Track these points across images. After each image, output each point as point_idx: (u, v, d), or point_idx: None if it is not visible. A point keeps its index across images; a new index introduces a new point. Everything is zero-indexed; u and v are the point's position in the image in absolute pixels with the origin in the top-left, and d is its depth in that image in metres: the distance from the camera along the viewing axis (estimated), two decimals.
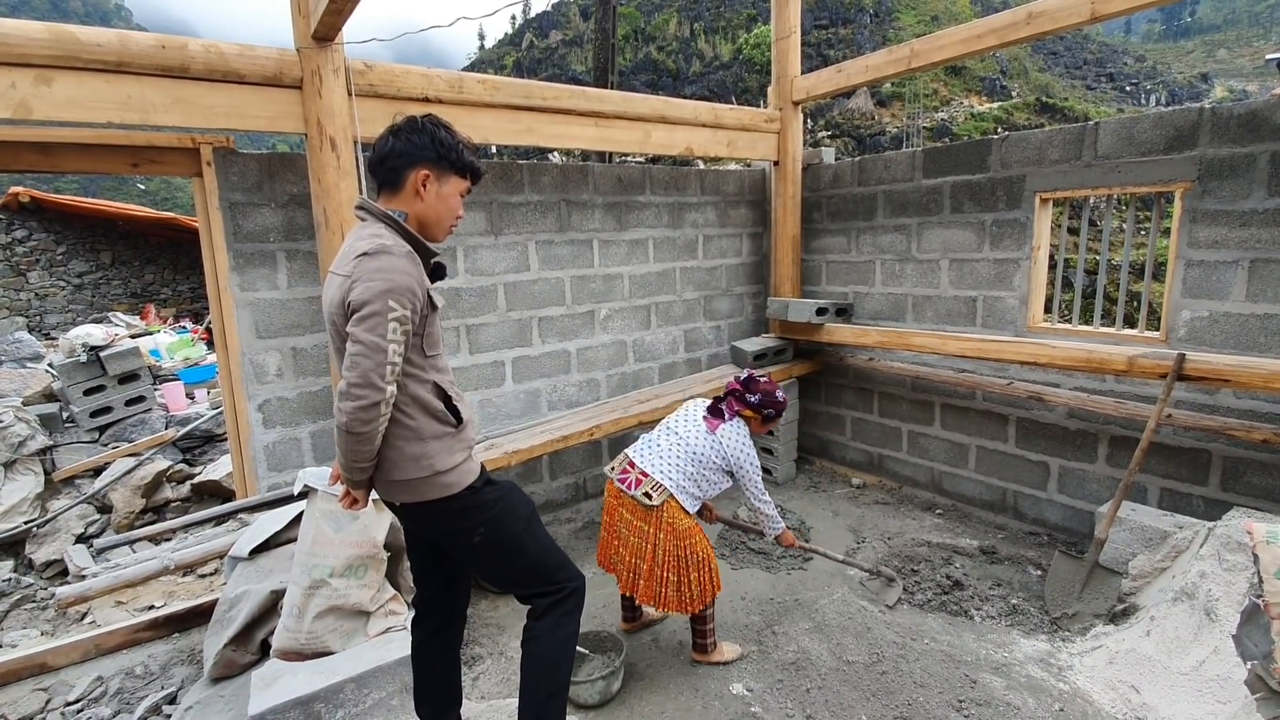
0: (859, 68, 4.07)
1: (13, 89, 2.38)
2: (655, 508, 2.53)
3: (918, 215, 4.11)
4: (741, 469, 2.65)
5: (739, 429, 2.68)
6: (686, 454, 2.62)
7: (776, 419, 2.78)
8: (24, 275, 9.89)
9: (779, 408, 2.74)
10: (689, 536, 2.56)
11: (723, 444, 2.63)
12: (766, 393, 2.72)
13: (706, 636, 2.71)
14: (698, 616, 2.68)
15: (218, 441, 4.85)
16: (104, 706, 2.65)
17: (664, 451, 2.63)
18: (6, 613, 3.54)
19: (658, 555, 2.55)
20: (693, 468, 2.61)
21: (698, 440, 2.64)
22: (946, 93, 24.96)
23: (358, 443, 1.60)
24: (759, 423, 2.75)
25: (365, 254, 1.60)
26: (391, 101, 3.09)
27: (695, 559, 2.56)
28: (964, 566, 3.40)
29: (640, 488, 2.55)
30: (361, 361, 1.54)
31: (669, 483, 2.55)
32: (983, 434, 3.95)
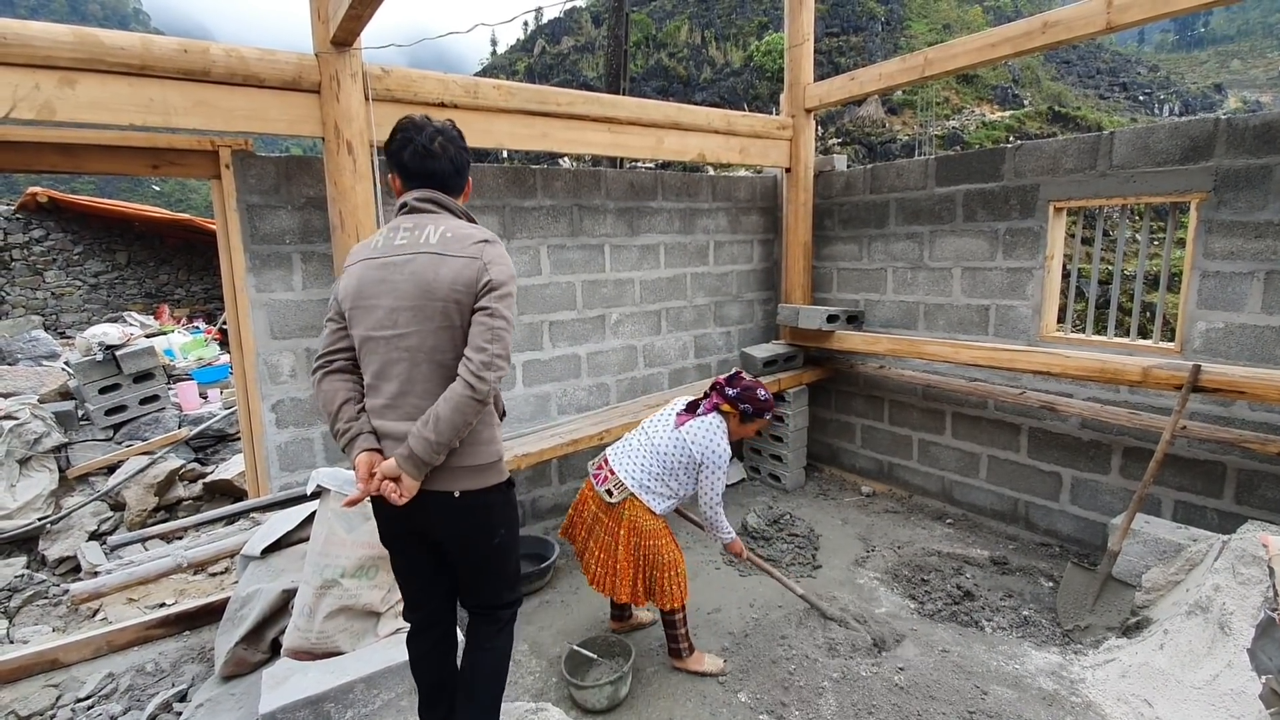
0: (872, 76, 4.08)
1: (37, 90, 2.42)
2: (614, 505, 2.58)
3: (930, 223, 4.10)
4: (704, 465, 2.55)
5: (711, 424, 2.59)
6: (652, 453, 2.60)
7: (757, 418, 2.66)
8: (41, 274, 10.02)
9: (758, 405, 2.63)
10: (653, 537, 2.57)
11: (685, 438, 2.56)
12: (746, 388, 2.66)
13: (679, 640, 2.70)
14: (668, 620, 2.68)
15: (230, 441, 4.89)
16: (115, 703, 2.67)
17: (633, 450, 2.65)
18: (19, 609, 3.57)
19: (620, 552, 2.57)
20: (657, 467, 2.58)
21: (663, 438, 2.61)
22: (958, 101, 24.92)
23: (474, 414, 1.66)
24: (737, 420, 2.65)
25: (488, 241, 1.75)
26: (408, 106, 3.12)
27: (660, 560, 2.57)
28: (975, 577, 3.37)
29: (605, 484, 2.61)
30: (505, 335, 1.67)
31: (631, 481, 2.57)
32: (994, 443, 3.93)
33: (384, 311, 1.71)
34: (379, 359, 1.73)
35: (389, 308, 1.70)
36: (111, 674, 2.80)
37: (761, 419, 2.68)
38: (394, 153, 1.82)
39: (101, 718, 2.57)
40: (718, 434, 2.57)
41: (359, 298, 1.73)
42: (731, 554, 2.84)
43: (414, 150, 1.79)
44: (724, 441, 2.58)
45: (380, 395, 1.74)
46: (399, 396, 1.72)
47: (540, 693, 2.68)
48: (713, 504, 2.63)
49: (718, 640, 2.92)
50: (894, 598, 3.24)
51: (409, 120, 1.83)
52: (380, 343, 1.72)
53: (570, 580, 3.55)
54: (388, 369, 1.73)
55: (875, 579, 3.41)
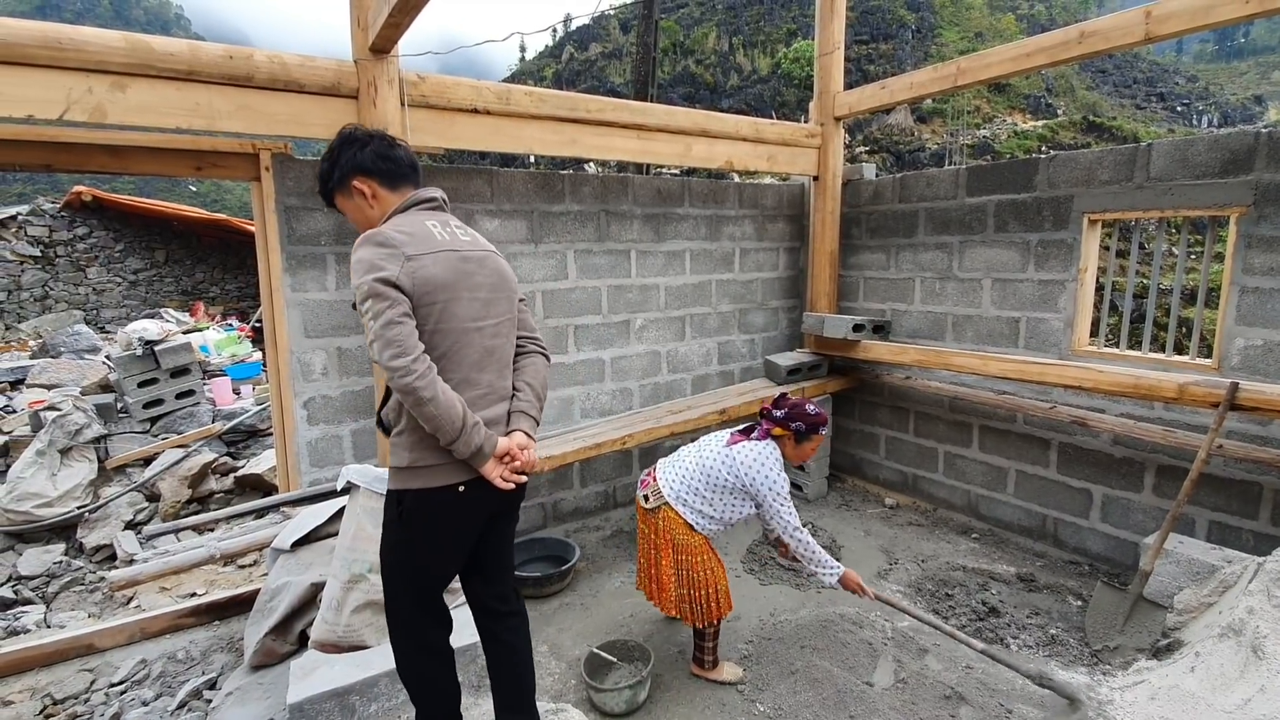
0: (903, 84, 4.05)
1: (90, 94, 2.52)
2: (649, 510, 2.60)
3: (960, 233, 4.06)
4: (759, 493, 2.45)
5: (763, 450, 2.50)
6: (698, 467, 2.57)
7: (811, 435, 2.57)
8: (84, 271, 10.36)
9: (809, 419, 2.55)
10: (690, 553, 2.53)
11: (735, 458, 2.49)
12: (794, 405, 2.58)
13: (705, 653, 2.69)
14: (699, 631, 2.67)
15: (261, 436, 5.00)
16: (147, 689, 2.74)
17: (681, 462, 2.64)
18: (57, 594, 3.69)
19: (664, 565, 2.57)
20: (700, 482, 2.53)
21: (712, 453, 2.57)
22: (989, 110, 24.57)
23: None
24: (792, 442, 2.56)
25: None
26: (442, 112, 3.18)
27: (696, 579, 2.53)
28: (1001, 593, 3.32)
29: (645, 489, 2.64)
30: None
31: (668, 491, 2.56)
32: (1023, 458, 3.86)
33: (480, 304, 1.75)
34: (477, 350, 1.74)
35: (484, 300, 1.76)
36: (144, 660, 2.88)
37: (817, 435, 2.58)
38: (384, 155, 1.81)
39: (134, 703, 2.64)
40: (770, 460, 2.47)
41: (451, 289, 1.69)
42: (849, 590, 2.60)
43: (404, 149, 1.87)
44: (778, 468, 2.47)
45: (478, 386, 1.75)
46: (495, 383, 1.80)
47: (559, 694, 2.69)
48: (794, 533, 2.47)
49: (737, 648, 2.92)
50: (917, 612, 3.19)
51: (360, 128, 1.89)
52: (476, 334, 1.74)
53: (590, 583, 3.57)
54: (486, 359, 1.77)
55: (898, 592, 3.37)
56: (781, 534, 2.51)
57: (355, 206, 1.83)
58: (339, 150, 1.82)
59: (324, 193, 1.88)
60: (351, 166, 1.79)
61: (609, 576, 3.64)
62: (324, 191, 1.88)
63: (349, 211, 1.87)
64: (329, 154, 1.85)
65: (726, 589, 2.61)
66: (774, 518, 2.49)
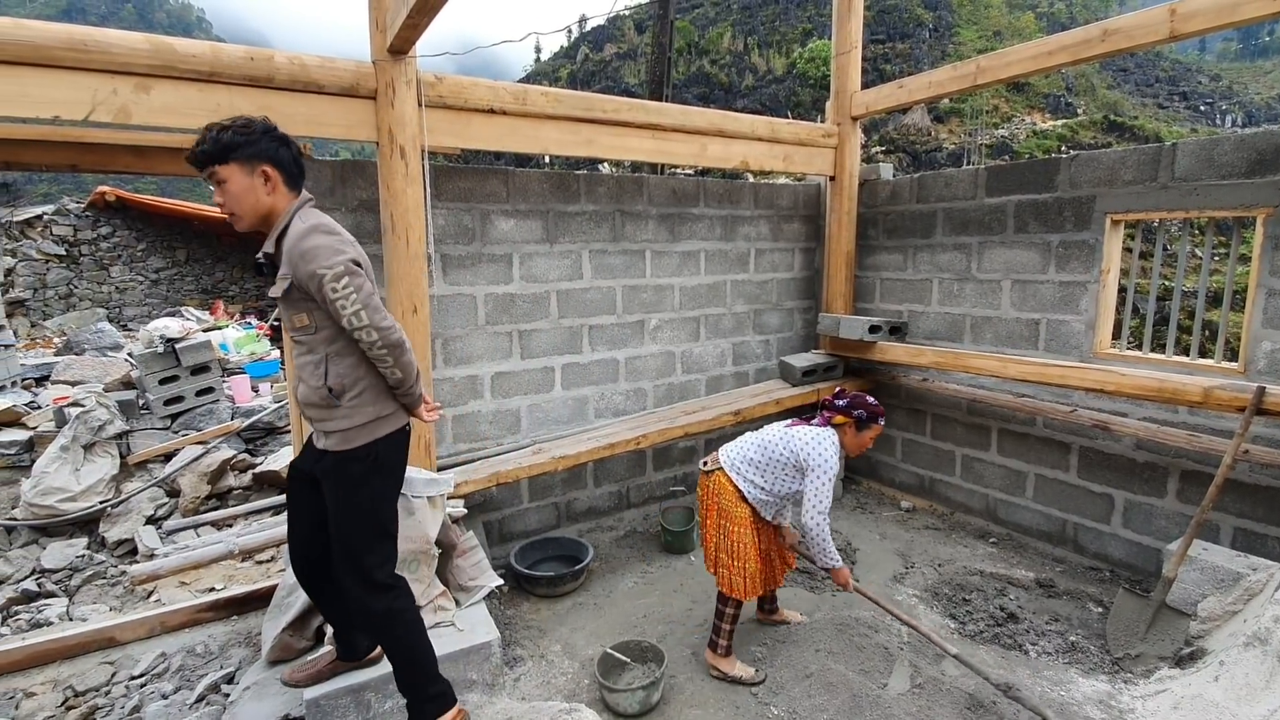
0: (921, 84, 4.02)
1: (114, 95, 2.55)
2: (706, 473, 2.76)
3: (979, 234, 4.01)
4: (809, 464, 2.56)
5: (822, 434, 2.63)
6: (756, 442, 2.72)
7: (872, 424, 2.67)
8: (107, 269, 10.54)
9: (870, 408, 2.66)
10: (732, 521, 2.67)
11: (794, 435, 2.64)
12: (855, 395, 2.72)
13: (719, 634, 2.75)
14: (718, 607, 2.75)
15: (279, 434, 5.05)
16: (166, 682, 2.78)
17: (740, 441, 2.81)
18: (79, 588, 3.74)
19: (707, 522, 2.76)
20: (756, 453, 2.68)
21: (772, 432, 2.72)
22: (1007, 109, 24.30)
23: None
24: (853, 430, 2.67)
25: None
26: (459, 113, 3.20)
27: (729, 545, 2.66)
28: (1019, 599, 3.28)
29: (706, 458, 2.83)
30: None
31: (725, 459, 2.73)
32: (1042, 462, 3.81)
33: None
34: None
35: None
36: (164, 654, 2.92)
37: (877, 425, 2.69)
38: (297, 160, 1.99)
39: (154, 696, 2.68)
40: (827, 442, 2.59)
41: (370, 270, 2.02)
42: (836, 584, 2.72)
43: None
44: (834, 452, 2.58)
45: None
46: None
47: (572, 694, 2.70)
48: (817, 512, 2.54)
49: (750, 650, 2.90)
50: (933, 616, 3.16)
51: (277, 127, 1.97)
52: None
53: (603, 583, 3.57)
54: None
55: (914, 596, 3.34)
56: (807, 502, 2.56)
57: (248, 186, 1.90)
58: (262, 134, 1.91)
59: (214, 154, 1.86)
60: (269, 155, 1.91)
61: (622, 577, 3.64)
62: (215, 153, 1.86)
63: (233, 184, 1.88)
64: (245, 129, 1.88)
65: (755, 574, 2.66)
66: (813, 493, 2.55)
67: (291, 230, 1.91)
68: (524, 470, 3.41)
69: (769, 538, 2.81)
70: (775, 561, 2.87)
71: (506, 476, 3.36)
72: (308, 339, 1.97)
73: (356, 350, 1.96)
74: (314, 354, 1.96)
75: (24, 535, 4.04)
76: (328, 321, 1.93)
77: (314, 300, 1.89)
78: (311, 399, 1.97)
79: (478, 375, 3.69)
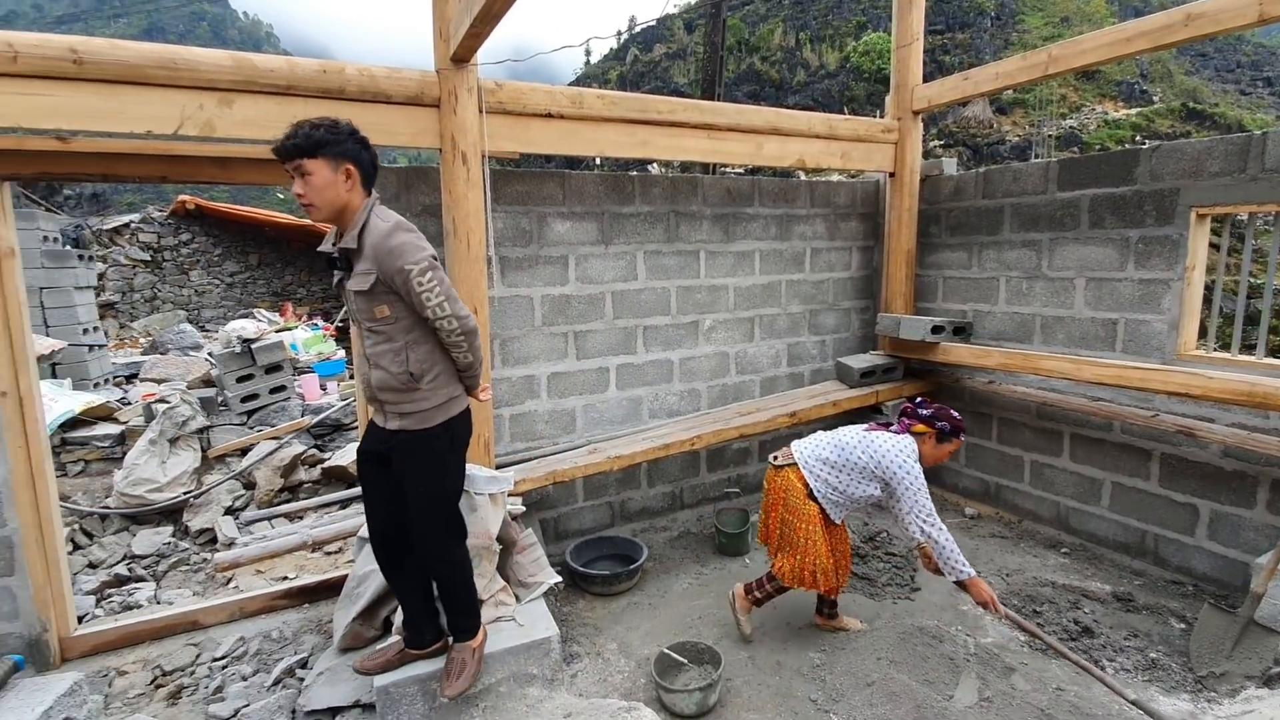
0: (988, 75, 3.88)
1: (200, 110, 2.70)
2: (777, 468, 2.75)
3: (1050, 230, 3.85)
4: (895, 478, 2.51)
5: (902, 440, 2.58)
6: (832, 441, 2.69)
7: (953, 437, 2.62)
8: (187, 274, 11.19)
9: (955, 421, 2.61)
10: (797, 516, 2.66)
11: (873, 441, 2.59)
12: (940, 407, 2.66)
13: (762, 587, 2.86)
14: (769, 572, 2.82)
15: (345, 430, 5.26)
16: (245, 665, 2.92)
17: (814, 438, 2.79)
18: (165, 573, 3.98)
19: (770, 515, 2.79)
20: (831, 453, 2.65)
21: (850, 434, 2.68)
22: (1076, 98, 23.14)
23: None
24: (933, 441, 2.63)
25: None
26: (517, 118, 3.26)
27: (795, 541, 2.67)
28: (1094, 612, 3.13)
29: (779, 453, 2.83)
30: None
31: (798, 456, 2.72)
32: (1119, 469, 3.63)
33: None
34: None
35: None
36: (243, 638, 3.07)
37: (958, 439, 2.65)
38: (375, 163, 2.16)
39: (234, 677, 2.82)
40: (908, 451, 2.54)
41: None
42: (977, 602, 2.54)
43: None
44: (914, 459, 2.54)
45: None
46: None
47: (629, 692, 2.71)
48: (927, 521, 2.46)
49: (808, 656, 2.86)
50: (1001, 628, 3.05)
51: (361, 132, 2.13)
52: None
53: (658, 583, 3.58)
54: None
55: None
56: (912, 518, 2.50)
57: (331, 180, 2.02)
58: (348, 135, 2.06)
59: (304, 148, 1.98)
60: (353, 155, 2.06)
61: (676, 578, 3.64)
62: (305, 148, 1.98)
63: (317, 177, 2.00)
64: (334, 129, 2.03)
65: (827, 568, 2.66)
66: (910, 506, 2.51)
67: (374, 228, 2.05)
68: (580, 469, 3.45)
69: (833, 539, 2.77)
70: (840, 564, 2.82)
71: (563, 475, 3.40)
72: (387, 329, 2.10)
73: (432, 338, 2.15)
74: (393, 342, 2.11)
75: (116, 523, 4.32)
76: (407, 312, 2.09)
77: (395, 293, 2.05)
78: (390, 384, 2.12)
79: (534, 375, 3.76)
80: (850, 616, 3.08)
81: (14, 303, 2.72)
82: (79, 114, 2.52)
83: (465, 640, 2.38)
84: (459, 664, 2.33)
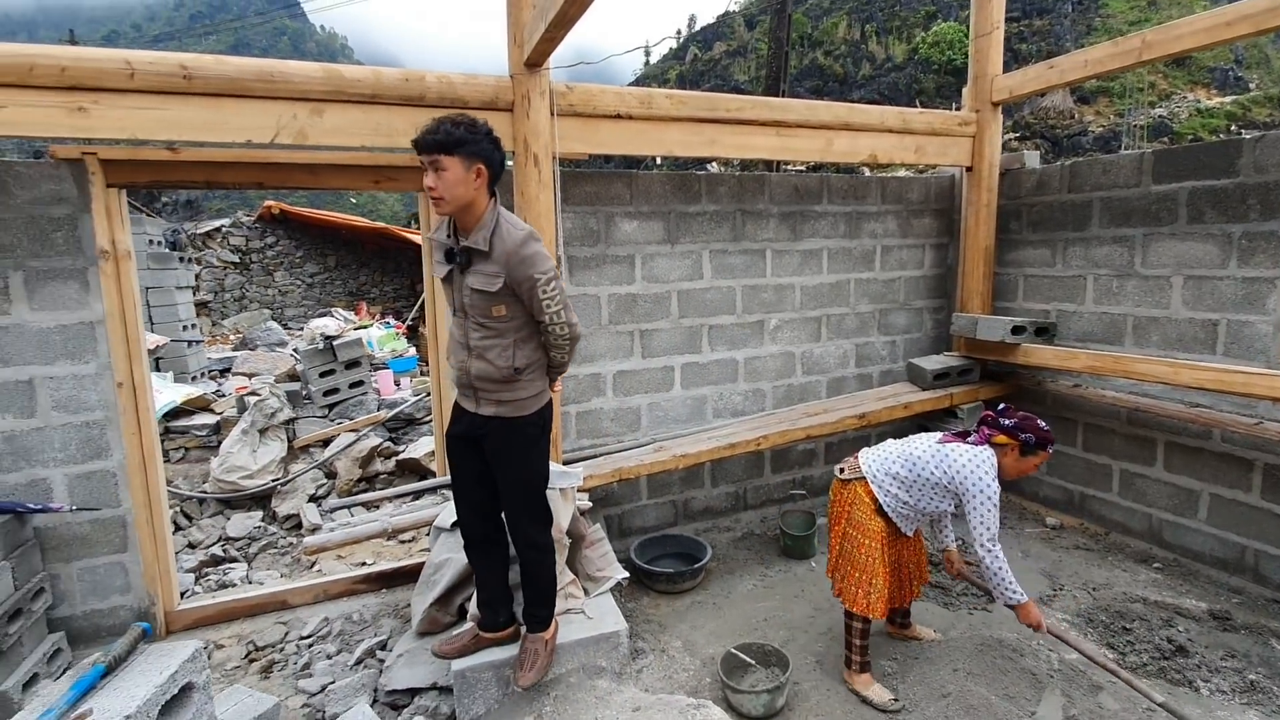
0: (1076, 63, 3.69)
1: (294, 119, 2.87)
2: (844, 481, 2.63)
3: (1143, 225, 3.63)
4: (967, 491, 2.35)
5: (979, 453, 2.39)
6: (902, 453, 2.56)
7: (1039, 450, 2.40)
8: (271, 274, 11.87)
9: (1041, 433, 2.40)
10: (861, 532, 2.55)
11: (947, 454, 2.42)
12: (1024, 416, 2.45)
13: (850, 649, 2.65)
14: (845, 622, 2.65)
15: (417, 425, 5.47)
16: (329, 644, 3.09)
17: (883, 448, 2.65)
18: (256, 554, 4.24)
19: (834, 529, 2.65)
20: (900, 467, 2.51)
21: (921, 446, 2.53)
22: (1166, 85, 21.64)
23: None
24: (1015, 453, 2.41)
25: None
26: (587, 120, 3.31)
27: (854, 557, 2.55)
28: (1189, 631, 2.94)
29: (845, 465, 2.68)
30: None
31: (866, 468, 2.59)
32: (1218, 480, 3.39)
33: None
34: None
35: None
36: (327, 619, 3.24)
37: (1044, 451, 2.43)
38: (504, 163, 2.23)
39: (320, 655, 2.98)
40: (986, 464, 2.36)
41: None
42: (1027, 624, 2.44)
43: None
44: (992, 475, 2.35)
45: None
46: None
47: (694, 690, 2.72)
48: (989, 543, 2.34)
49: (879, 664, 2.79)
50: (1087, 644, 2.90)
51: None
52: None
53: (722, 583, 3.57)
54: None
55: (1064, 621, 3.07)
56: (977, 540, 2.38)
57: (463, 179, 2.10)
58: (484, 135, 2.14)
59: (442, 144, 2.06)
60: (485, 155, 2.13)
61: (740, 579, 3.62)
62: (444, 143, 2.06)
63: (451, 173, 2.08)
64: (473, 128, 2.11)
65: (882, 590, 2.51)
66: (976, 519, 2.36)
67: (507, 235, 2.15)
68: (645, 467, 3.48)
69: (902, 551, 2.68)
70: (909, 576, 2.74)
71: (628, 473, 3.44)
72: (500, 326, 2.22)
73: (535, 337, 2.30)
74: (503, 339, 2.23)
75: (212, 506, 4.63)
76: (521, 312, 2.23)
77: (514, 295, 2.18)
78: (492, 375, 2.24)
79: (600, 373, 3.81)
80: (924, 626, 3.00)
81: (130, 301, 2.96)
82: (187, 125, 2.72)
83: (539, 631, 2.45)
84: (532, 654, 2.39)
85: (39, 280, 2.79)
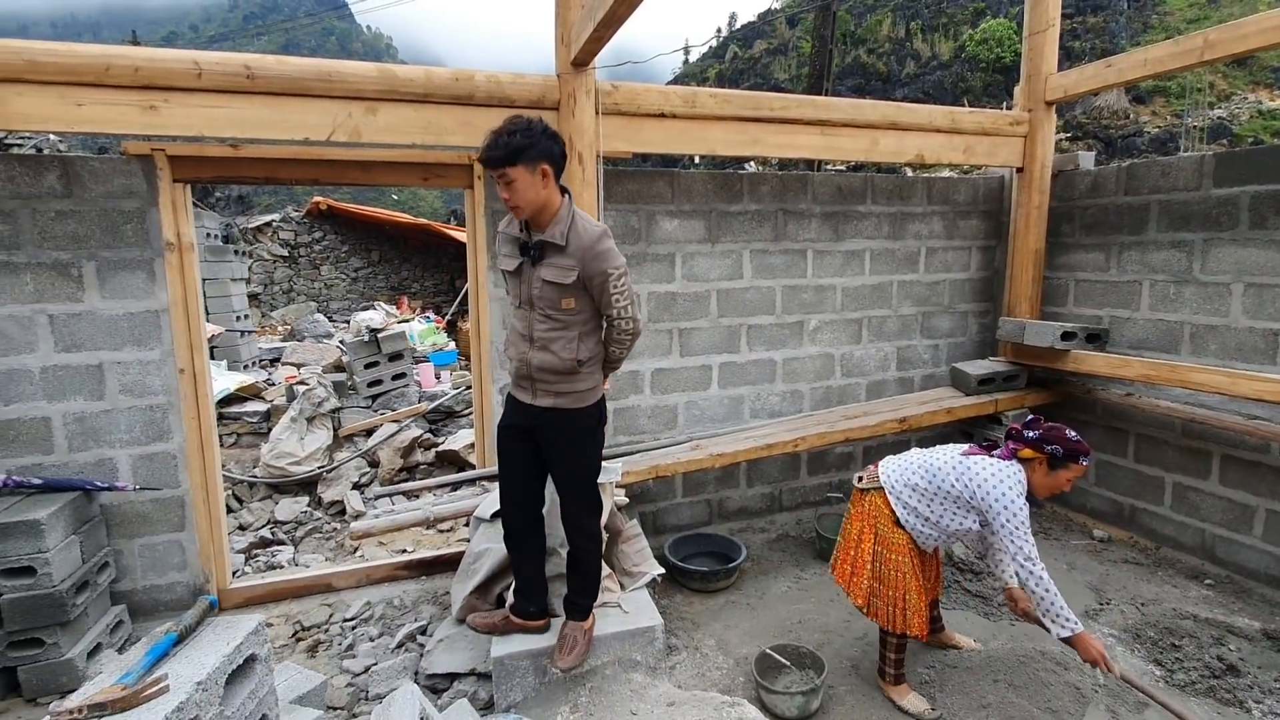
0: (1135, 61, 3.58)
1: (349, 118, 2.96)
2: (862, 492, 2.55)
3: (1203, 230, 3.50)
4: (991, 511, 2.22)
5: (1004, 467, 2.26)
6: (923, 465, 2.45)
7: (1069, 463, 2.24)
8: (318, 268, 12.21)
9: (1069, 444, 2.24)
10: (888, 548, 2.45)
11: (970, 468, 2.30)
12: (1050, 428, 2.29)
13: (884, 662, 2.59)
14: (881, 635, 2.58)
15: (456, 417, 5.58)
16: (372, 627, 3.18)
17: (905, 458, 2.56)
18: (302, 538, 4.39)
19: (862, 546, 2.52)
20: (921, 479, 2.41)
21: (943, 457, 2.42)
22: (1226, 86, 20.69)
23: None
24: (1044, 468, 2.27)
25: None
26: (631, 119, 3.34)
27: (887, 576, 2.45)
28: (1241, 650, 2.83)
29: (864, 474, 2.61)
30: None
31: (884, 478, 2.51)
32: (1276, 495, 3.25)
33: None
34: None
35: None
36: (369, 602, 3.34)
37: (1076, 465, 2.26)
38: (565, 154, 2.27)
39: (363, 638, 3.08)
40: (1010, 480, 2.22)
41: None
42: (1085, 659, 2.23)
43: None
44: (1018, 490, 2.21)
45: None
46: None
47: (727, 689, 2.73)
48: (1028, 564, 2.17)
49: (916, 672, 2.76)
50: (1134, 660, 2.82)
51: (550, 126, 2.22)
52: None
53: (756, 584, 3.56)
54: None
55: (1110, 636, 2.99)
56: (1010, 564, 2.30)
57: (531, 183, 2.15)
58: (540, 134, 2.16)
59: (506, 158, 2.10)
60: (547, 153, 2.16)
61: (775, 580, 3.61)
62: (507, 157, 2.10)
63: (520, 182, 2.13)
64: (528, 132, 2.13)
65: (918, 606, 2.42)
66: (1008, 543, 2.21)
67: (583, 230, 2.22)
68: (682, 465, 3.50)
69: (927, 565, 2.60)
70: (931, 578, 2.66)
71: (665, 470, 3.46)
72: (567, 318, 2.28)
73: (598, 331, 2.37)
74: (569, 331, 2.29)
75: (262, 491, 4.81)
76: (588, 306, 2.29)
77: (585, 289, 2.24)
78: (555, 366, 2.29)
79: (639, 371, 3.84)
80: (962, 634, 2.94)
81: (192, 292, 3.09)
82: (250, 123, 2.84)
83: (578, 620, 2.50)
84: (571, 640, 2.44)
85: (109, 270, 2.94)
